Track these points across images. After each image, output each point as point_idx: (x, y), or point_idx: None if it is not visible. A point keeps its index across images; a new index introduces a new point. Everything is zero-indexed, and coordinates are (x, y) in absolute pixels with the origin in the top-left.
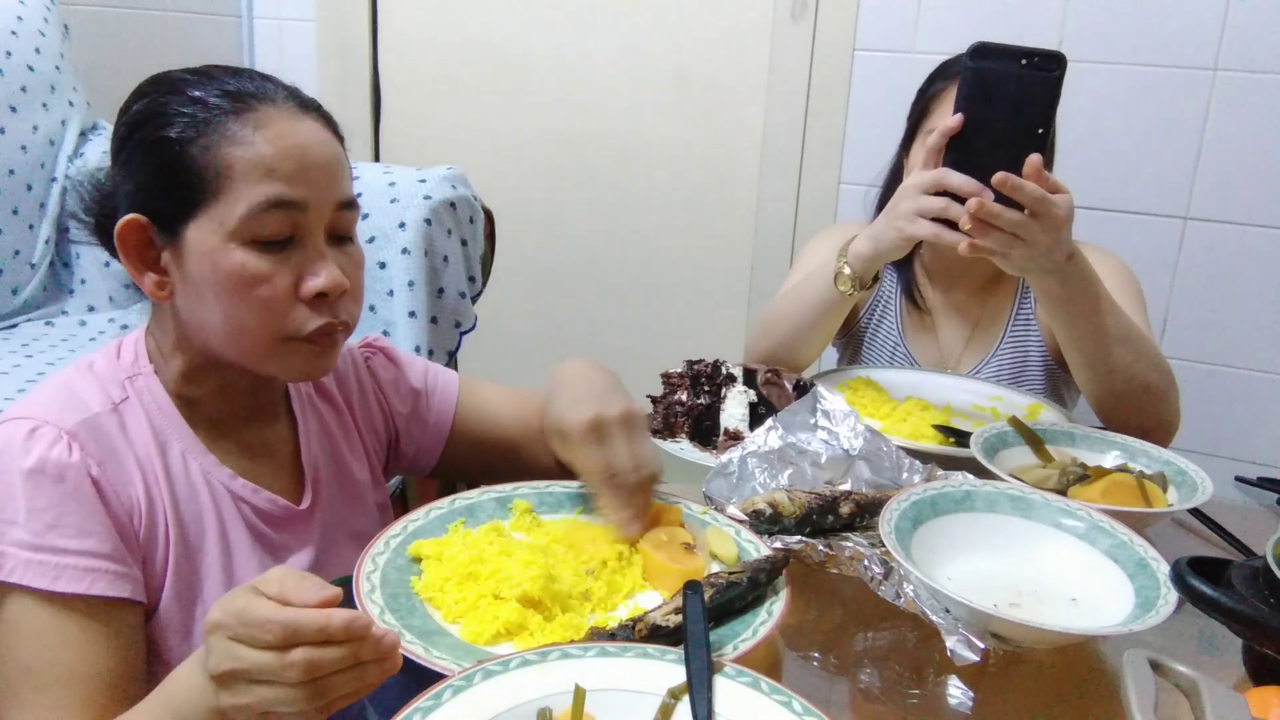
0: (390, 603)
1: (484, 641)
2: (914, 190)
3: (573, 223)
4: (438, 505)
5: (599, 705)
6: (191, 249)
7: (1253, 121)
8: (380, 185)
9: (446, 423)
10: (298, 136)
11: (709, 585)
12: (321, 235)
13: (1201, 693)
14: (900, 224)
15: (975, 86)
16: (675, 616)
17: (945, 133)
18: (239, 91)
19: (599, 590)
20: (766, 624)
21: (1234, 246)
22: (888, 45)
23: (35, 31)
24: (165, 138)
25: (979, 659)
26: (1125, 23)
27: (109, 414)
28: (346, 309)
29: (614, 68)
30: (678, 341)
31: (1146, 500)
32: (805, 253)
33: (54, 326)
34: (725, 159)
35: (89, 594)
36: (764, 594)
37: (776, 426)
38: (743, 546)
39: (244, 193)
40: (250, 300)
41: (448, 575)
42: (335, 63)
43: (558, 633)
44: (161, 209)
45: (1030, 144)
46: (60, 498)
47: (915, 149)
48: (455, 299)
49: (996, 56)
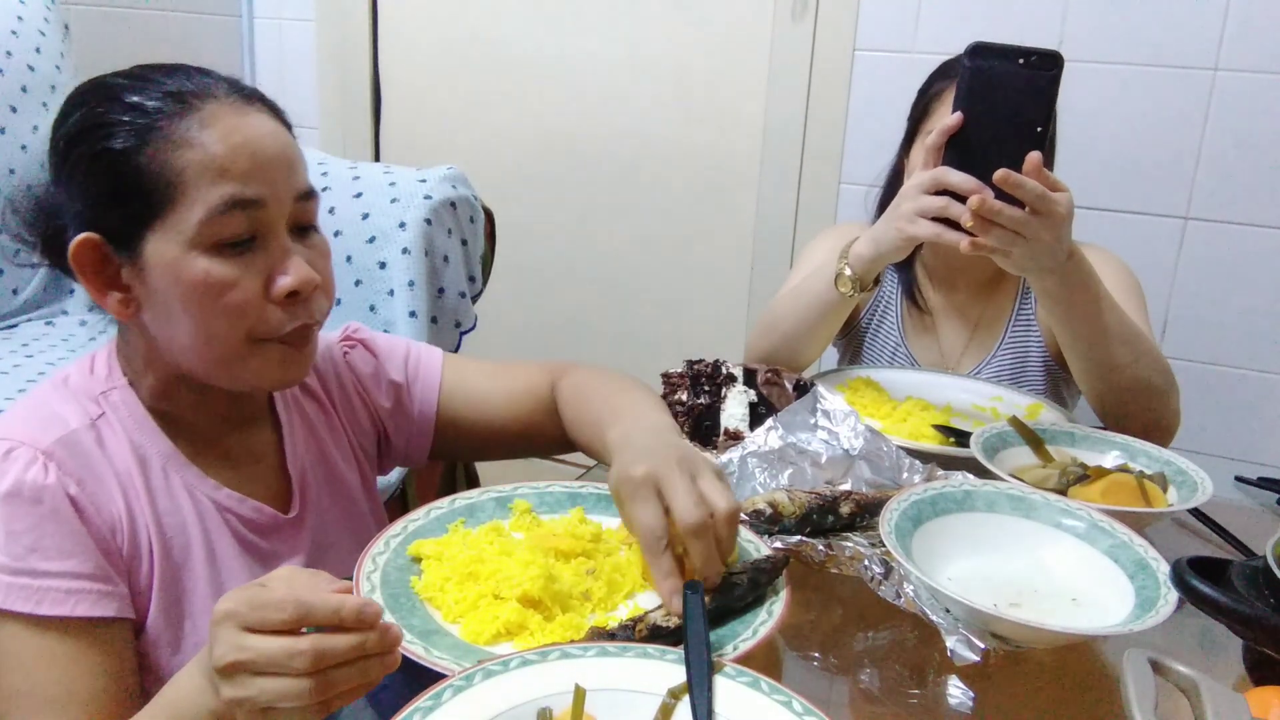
0: (390, 603)
1: (484, 641)
2: (914, 190)
3: (573, 222)
4: (438, 505)
5: (599, 705)
6: (151, 263)
7: (1253, 121)
8: (380, 185)
9: (431, 412)
10: (246, 131)
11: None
12: (284, 231)
13: (1201, 693)
14: (901, 225)
15: (974, 86)
16: (675, 617)
17: (945, 131)
18: (179, 91)
19: (599, 590)
20: (767, 624)
21: (1234, 246)
22: (888, 45)
23: (35, 31)
24: (108, 149)
25: (979, 659)
26: (1125, 23)
27: (87, 430)
28: (318, 306)
29: (614, 68)
30: (678, 341)
31: (1146, 500)
32: (806, 253)
33: (54, 326)
34: (725, 159)
35: (73, 616)
36: (764, 594)
37: (776, 426)
38: (743, 546)
39: (198, 197)
40: (219, 308)
41: (448, 575)
42: (335, 63)
43: (558, 633)
44: (114, 225)
45: (1030, 142)
46: (38, 520)
47: (915, 149)
48: (455, 299)
49: (995, 56)
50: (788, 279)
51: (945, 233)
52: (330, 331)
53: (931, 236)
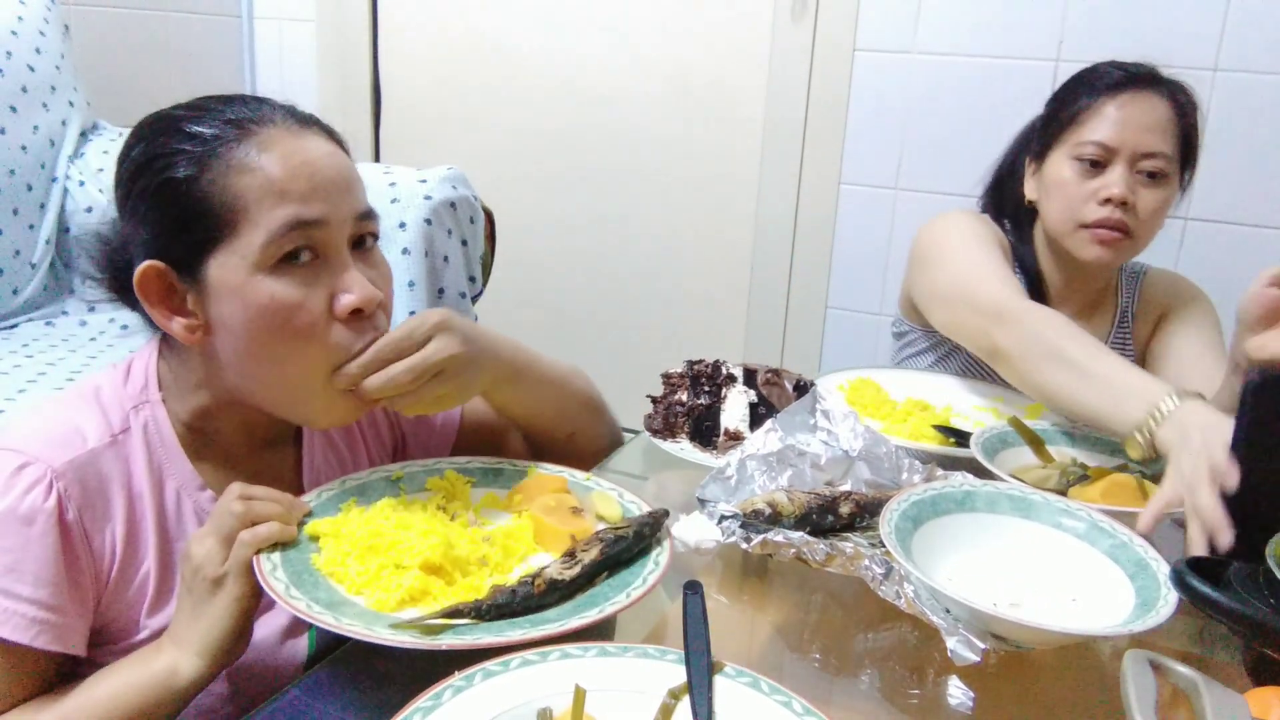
0: (294, 579)
1: (390, 609)
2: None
3: (573, 222)
4: (328, 487)
5: (599, 705)
6: (216, 288)
7: (1253, 121)
8: (380, 185)
9: (454, 422)
10: (305, 154)
11: (598, 540)
12: (346, 250)
13: (1201, 693)
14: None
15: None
16: (569, 570)
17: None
18: (237, 119)
19: (495, 555)
20: (655, 572)
21: (1234, 246)
22: (888, 45)
23: (35, 31)
24: (171, 179)
25: (979, 659)
26: (1125, 23)
27: (106, 448)
28: (382, 324)
29: (614, 68)
30: (678, 341)
31: (1146, 500)
32: (957, 240)
33: (54, 326)
34: (725, 159)
35: (31, 645)
36: (649, 546)
37: (776, 428)
38: (626, 506)
39: (260, 220)
40: (288, 331)
41: (348, 550)
42: (335, 63)
43: (460, 594)
44: (178, 251)
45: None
46: (25, 542)
47: (1058, 159)
48: (455, 299)
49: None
50: (948, 260)
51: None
52: None
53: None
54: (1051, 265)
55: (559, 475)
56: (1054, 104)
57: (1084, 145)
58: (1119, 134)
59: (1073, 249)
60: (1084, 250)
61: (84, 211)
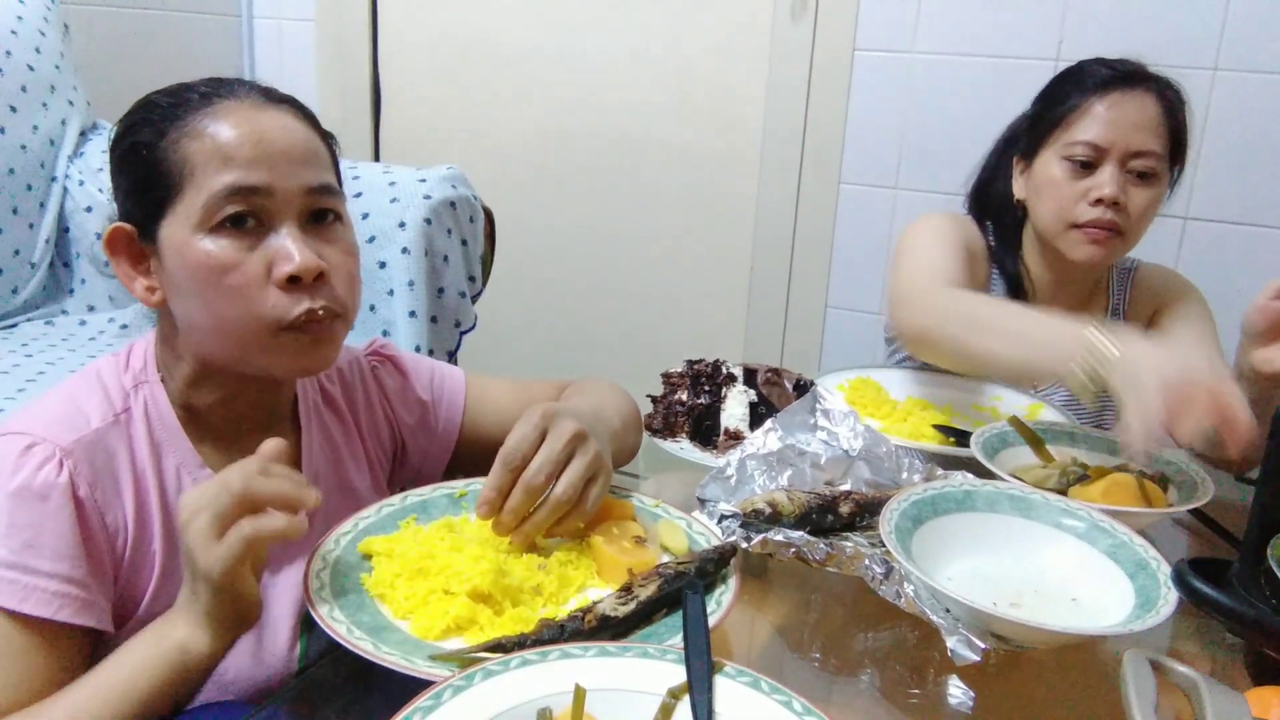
0: (340, 599)
1: (434, 637)
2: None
3: (573, 222)
4: (389, 502)
5: (599, 705)
6: (165, 248)
7: (1253, 121)
8: (380, 185)
9: (454, 431)
10: (257, 124)
11: (658, 575)
12: (294, 221)
13: (1201, 693)
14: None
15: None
16: (624, 607)
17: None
18: (206, 92)
19: (550, 584)
20: (715, 614)
21: (1234, 246)
22: (888, 45)
23: (35, 31)
24: (135, 143)
25: (979, 659)
26: (1125, 23)
27: (110, 427)
28: (329, 294)
29: (614, 68)
30: (678, 341)
31: (1146, 500)
32: (921, 239)
33: (54, 326)
34: (725, 159)
35: (54, 619)
36: (713, 583)
37: (775, 428)
38: (693, 538)
39: (204, 183)
40: (223, 289)
41: (398, 571)
42: (335, 63)
43: (508, 626)
44: (139, 214)
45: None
46: (41, 518)
47: (1048, 158)
48: (455, 299)
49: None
50: (904, 262)
51: None
52: (353, 343)
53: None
54: (1041, 265)
55: (626, 501)
56: (1042, 103)
57: (1074, 145)
58: (1109, 133)
59: (1064, 249)
60: (1075, 250)
61: (84, 211)
